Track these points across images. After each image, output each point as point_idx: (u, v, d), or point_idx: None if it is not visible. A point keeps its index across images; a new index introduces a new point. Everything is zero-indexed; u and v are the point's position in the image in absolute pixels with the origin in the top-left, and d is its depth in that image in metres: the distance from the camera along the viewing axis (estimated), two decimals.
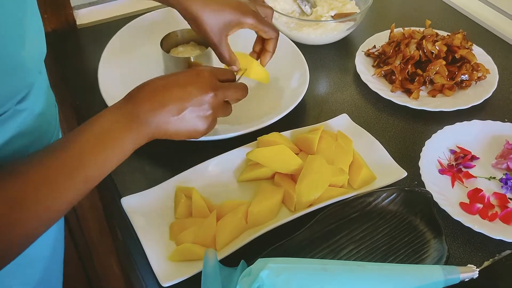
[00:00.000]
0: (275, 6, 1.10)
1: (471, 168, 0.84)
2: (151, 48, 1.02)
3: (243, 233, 0.73)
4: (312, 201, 0.75)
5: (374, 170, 0.80)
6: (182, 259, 0.69)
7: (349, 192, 0.77)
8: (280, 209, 0.76)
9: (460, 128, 0.88)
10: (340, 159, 0.80)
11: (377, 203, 0.76)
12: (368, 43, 1.06)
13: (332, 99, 0.97)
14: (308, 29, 1.05)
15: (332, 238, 0.72)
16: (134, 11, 1.14)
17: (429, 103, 0.94)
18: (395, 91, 0.96)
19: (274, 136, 0.82)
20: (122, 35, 1.01)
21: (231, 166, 0.82)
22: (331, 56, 1.07)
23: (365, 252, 0.71)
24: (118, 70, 0.96)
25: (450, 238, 0.75)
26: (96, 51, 1.01)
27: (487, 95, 0.95)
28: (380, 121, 0.93)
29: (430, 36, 1.00)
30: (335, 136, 0.84)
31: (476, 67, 0.98)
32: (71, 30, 1.10)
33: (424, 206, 0.74)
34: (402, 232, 0.73)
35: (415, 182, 0.82)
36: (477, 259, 0.73)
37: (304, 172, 0.76)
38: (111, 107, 0.64)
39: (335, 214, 0.74)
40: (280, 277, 0.59)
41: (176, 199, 0.76)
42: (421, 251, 0.71)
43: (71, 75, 1.01)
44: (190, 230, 0.72)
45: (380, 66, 1.01)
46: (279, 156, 0.78)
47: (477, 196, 0.79)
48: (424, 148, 0.84)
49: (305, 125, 0.88)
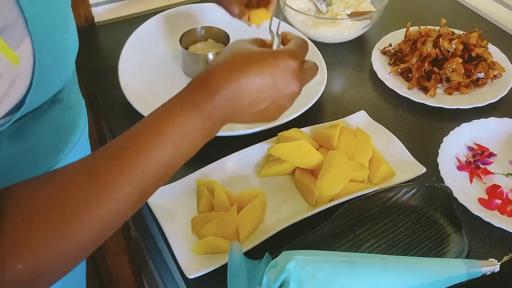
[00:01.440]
0: (292, 4, 1.11)
1: (489, 165, 0.85)
2: (170, 44, 1.04)
3: (265, 225, 0.74)
4: (333, 196, 0.76)
5: (393, 166, 0.81)
6: (205, 252, 0.70)
7: (369, 187, 0.78)
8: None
9: (477, 125, 0.89)
10: (359, 155, 0.81)
11: (397, 198, 0.77)
12: (384, 41, 1.07)
13: (349, 96, 0.98)
14: (325, 27, 1.06)
15: (353, 233, 0.73)
16: (152, 9, 1.15)
17: (446, 101, 0.95)
18: (412, 88, 0.97)
19: (295, 132, 0.83)
20: (142, 32, 1.02)
21: (252, 161, 0.83)
22: (347, 54, 1.08)
23: (386, 246, 0.72)
24: (138, 67, 0.98)
25: (470, 233, 0.76)
26: (114, 48, 1.02)
27: (503, 93, 0.96)
28: (397, 118, 0.94)
29: (447, 34, 1.01)
30: (354, 132, 0.85)
31: (492, 65, 0.99)
32: (89, 27, 1.11)
33: (444, 201, 0.75)
34: (422, 226, 0.74)
35: (433, 178, 0.82)
36: (497, 254, 0.73)
37: (325, 167, 0.77)
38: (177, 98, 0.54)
39: (356, 209, 0.75)
40: (306, 269, 0.60)
41: (198, 193, 0.77)
42: (442, 245, 0.71)
43: (90, 72, 1.02)
44: (212, 223, 0.73)
45: (396, 64, 1.02)
46: (300, 152, 0.79)
47: (496, 192, 0.80)
48: (442, 145, 0.85)
49: (323, 122, 0.89)
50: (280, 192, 0.79)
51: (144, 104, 0.89)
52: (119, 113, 0.93)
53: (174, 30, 1.04)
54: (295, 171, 0.81)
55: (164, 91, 0.95)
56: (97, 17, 1.12)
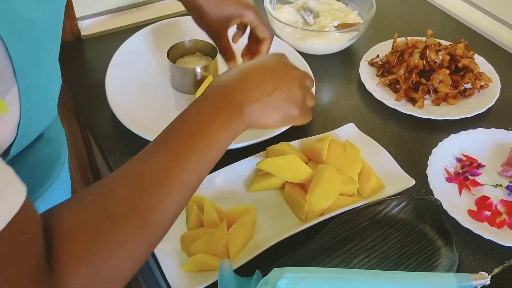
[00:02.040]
0: (279, 16, 1.11)
1: (477, 176, 0.85)
2: (157, 58, 1.03)
3: (255, 241, 0.74)
4: (323, 210, 0.76)
5: (382, 179, 0.81)
6: (195, 270, 0.70)
7: (359, 201, 0.78)
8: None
9: (465, 136, 0.89)
10: (349, 168, 0.81)
11: (387, 212, 0.76)
12: (371, 53, 1.07)
13: (338, 108, 0.98)
14: (312, 39, 1.06)
15: (343, 247, 0.73)
16: (139, 22, 1.14)
17: (434, 112, 0.95)
18: (400, 100, 0.98)
19: (284, 145, 0.83)
20: (128, 46, 1.02)
21: (241, 176, 0.82)
22: (335, 66, 1.08)
23: (376, 261, 0.72)
24: (126, 81, 0.97)
25: (460, 246, 0.76)
26: (101, 62, 1.01)
27: (490, 103, 0.97)
28: (386, 130, 0.94)
29: (433, 45, 1.01)
30: (343, 145, 0.85)
31: (479, 76, 0.99)
32: (75, 41, 1.11)
33: (434, 214, 0.75)
34: (412, 240, 0.74)
35: (423, 190, 0.82)
36: (487, 266, 0.73)
37: (315, 182, 0.77)
38: (197, 102, 0.60)
39: (346, 223, 0.75)
40: (298, 286, 0.59)
41: (187, 209, 0.77)
42: (432, 259, 0.71)
43: (76, 86, 1.01)
44: (202, 240, 0.72)
45: (384, 75, 1.02)
46: (290, 166, 0.79)
47: (485, 204, 0.80)
48: (430, 157, 0.85)
49: (312, 134, 0.89)
50: (270, 207, 0.79)
51: (131, 118, 0.88)
52: (106, 127, 0.92)
53: (161, 43, 1.04)
54: (285, 185, 0.80)
55: (152, 105, 0.95)
56: (84, 30, 1.11)
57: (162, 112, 0.93)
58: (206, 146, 0.56)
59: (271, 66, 0.65)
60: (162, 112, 0.93)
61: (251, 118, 0.60)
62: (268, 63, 0.65)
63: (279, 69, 0.65)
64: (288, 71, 0.65)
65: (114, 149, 0.89)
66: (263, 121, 0.62)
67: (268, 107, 0.62)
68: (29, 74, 0.48)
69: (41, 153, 0.64)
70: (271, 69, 0.64)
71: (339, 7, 1.17)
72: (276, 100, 0.62)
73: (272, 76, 0.63)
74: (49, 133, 0.65)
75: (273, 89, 0.62)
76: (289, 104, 0.64)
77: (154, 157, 0.54)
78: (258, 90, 0.61)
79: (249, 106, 0.60)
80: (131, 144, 0.87)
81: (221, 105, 0.59)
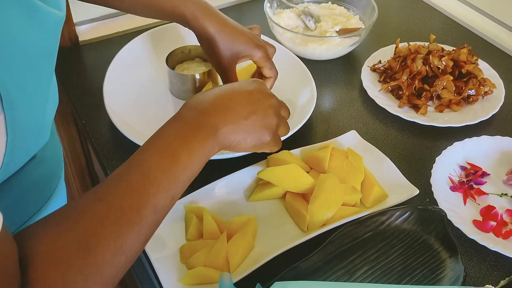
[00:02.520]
0: (280, 22, 1.09)
1: (482, 185, 0.83)
2: (156, 64, 1.02)
3: (256, 253, 0.72)
4: (325, 221, 0.74)
5: (385, 188, 0.79)
6: (195, 283, 0.68)
7: (362, 211, 0.76)
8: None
9: (469, 144, 0.88)
10: (351, 177, 0.79)
11: (390, 222, 0.75)
12: (373, 58, 1.06)
13: (339, 114, 0.97)
14: (313, 44, 1.04)
15: (346, 259, 0.71)
16: (137, 27, 1.13)
17: (437, 119, 0.94)
18: (403, 106, 0.96)
19: (285, 154, 0.81)
20: (127, 52, 1.00)
21: (241, 185, 0.80)
22: (336, 71, 1.06)
23: (380, 273, 0.70)
24: (124, 87, 0.95)
25: (465, 257, 0.74)
26: (99, 68, 1.00)
27: (495, 110, 0.95)
28: (388, 137, 0.92)
29: (436, 51, 1.00)
30: (345, 153, 0.83)
31: (482, 82, 0.98)
32: (73, 46, 1.09)
33: (438, 225, 0.74)
34: (417, 251, 0.72)
35: (427, 200, 0.81)
36: (493, 278, 0.72)
37: (317, 191, 0.75)
38: (172, 121, 0.61)
39: (349, 234, 0.73)
40: None
41: (186, 220, 0.75)
42: (437, 271, 0.70)
43: (74, 93, 0.99)
44: (201, 252, 0.70)
45: (386, 81, 1.00)
46: (291, 175, 0.77)
47: (490, 214, 0.78)
48: (434, 165, 0.84)
49: (313, 142, 0.88)
50: (271, 217, 0.77)
51: (130, 126, 0.87)
52: (104, 134, 0.91)
53: (160, 49, 1.02)
54: (286, 195, 0.79)
55: (150, 112, 0.94)
56: (81, 36, 1.10)
57: (161, 119, 0.90)
58: (179, 168, 0.56)
59: (249, 91, 0.65)
60: (160, 120, 0.90)
61: (225, 140, 0.61)
62: (246, 87, 0.66)
63: (256, 95, 0.65)
64: (265, 98, 0.66)
65: (112, 157, 0.87)
66: (236, 144, 0.63)
67: (243, 130, 0.62)
68: (18, 101, 0.46)
69: (35, 174, 0.62)
70: (248, 94, 0.65)
71: (340, 12, 1.15)
72: (251, 124, 0.63)
73: (249, 100, 0.64)
74: (44, 154, 0.63)
75: (250, 113, 0.63)
76: (263, 129, 0.65)
77: (126, 180, 0.53)
78: (234, 112, 0.62)
79: (224, 127, 0.60)
80: (129, 152, 0.83)
81: (196, 126, 0.59)
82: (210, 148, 0.59)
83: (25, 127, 0.49)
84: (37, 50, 0.48)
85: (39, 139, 0.56)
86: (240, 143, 0.63)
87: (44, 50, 0.50)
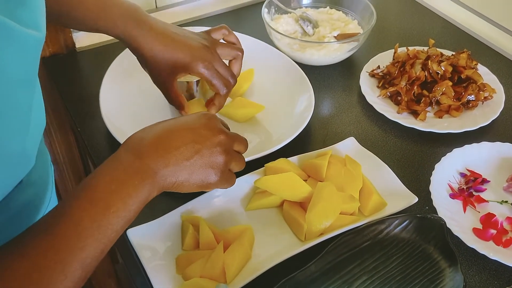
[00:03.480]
0: (278, 27, 1.08)
1: (482, 192, 0.82)
2: None
3: (253, 263, 0.71)
4: (323, 230, 0.73)
5: (384, 196, 0.78)
6: None
7: (360, 220, 0.75)
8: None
9: (469, 150, 0.87)
10: (349, 186, 0.78)
11: (389, 231, 0.74)
12: (372, 63, 1.05)
13: (338, 120, 0.96)
14: (311, 50, 1.04)
15: (344, 269, 0.70)
16: None
17: (436, 125, 0.93)
18: (401, 112, 0.95)
19: (282, 162, 0.80)
20: (123, 59, 0.99)
21: (238, 194, 0.80)
22: (334, 77, 1.06)
23: (379, 283, 0.69)
24: (120, 95, 0.95)
25: (465, 266, 0.73)
26: (96, 75, 0.99)
27: (495, 115, 0.94)
28: (387, 144, 0.91)
29: (435, 56, 0.99)
30: (343, 161, 0.83)
31: (482, 87, 0.97)
32: (70, 53, 1.08)
33: (438, 233, 0.73)
34: (416, 260, 0.72)
35: (426, 208, 0.80)
36: None
37: (314, 200, 0.74)
38: (109, 163, 0.56)
39: (347, 243, 0.72)
40: None
41: (183, 230, 0.74)
42: (437, 281, 0.69)
43: (71, 100, 0.99)
44: (197, 263, 0.70)
45: (385, 87, 1.00)
46: (288, 184, 0.76)
47: (490, 222, 0.77)
48: (434, 172, 0.83)
49: (311, 149, 0.87)
50: (268, 226, 0.76)
51: (126, 133, 0.85)
52: (100, 142, 0.90)
53: None
54: (283, 203, 0.78)
55: (147, 120, 0.92)
56: (78, 42, 1.09)
57: None
58: (112, 217, 0.52)
59: (194, 128, 0.62)
60: None
61: (165, 182, 0.58)
62: (191, 124, 0.62)
63: (202, 132, 0.62)
64: (212, 135, 0.62)
65: None
66: (178, 185, 0.60)
67: (185, 171, 0.59)
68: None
69: (21, 198, 0.60)
70: (193, 131, 0.61)
71: (339, 17, 1.14)
72: (194, 165, 0.60)
73: (193, 139, 0.61)
74: (31, 178, 0.61)
75: (193, 153, 0.60)
76: (208, 169, 0.61)
77: (53, 232, 0.49)
78: (176, 153, 0.59)
79: (164, 169, 0.57)
80: None
81: (132, 170, 0.55)
82: (147, 193, 0.56)
83: (3, 158, 0.46)
84: (13, 77, 0.44)
85: (21, 168, 0.54)
86: (183, 184, 0.60)
87: (21, 77, 0.46)
